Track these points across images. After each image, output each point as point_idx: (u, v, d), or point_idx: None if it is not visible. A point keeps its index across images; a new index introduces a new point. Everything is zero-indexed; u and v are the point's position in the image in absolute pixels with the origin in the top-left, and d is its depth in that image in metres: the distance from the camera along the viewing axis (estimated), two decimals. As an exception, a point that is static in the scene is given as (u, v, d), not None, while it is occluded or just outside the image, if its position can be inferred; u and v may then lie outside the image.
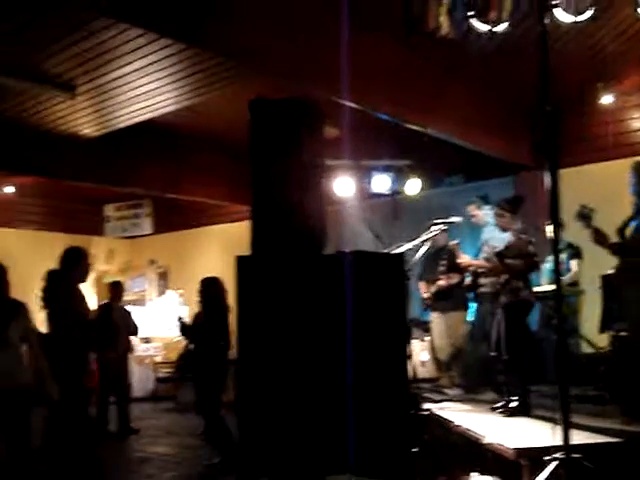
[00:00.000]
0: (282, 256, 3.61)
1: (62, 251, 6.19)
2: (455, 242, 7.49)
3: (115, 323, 8.83)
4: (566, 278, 7.34)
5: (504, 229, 6.45)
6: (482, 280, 6.95)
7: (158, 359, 12.51)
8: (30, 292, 6.29)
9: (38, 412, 5.63)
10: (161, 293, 13.69)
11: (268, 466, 3.35)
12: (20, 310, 5.20)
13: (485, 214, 7.62)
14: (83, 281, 6.27)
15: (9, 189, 12.11)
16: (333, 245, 4.09)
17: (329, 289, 3.36)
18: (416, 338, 8.54)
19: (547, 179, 3.82)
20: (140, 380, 11.96)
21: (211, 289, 7.40)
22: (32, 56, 6.69)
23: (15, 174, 11.04)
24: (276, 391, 3.49)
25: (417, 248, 6.77)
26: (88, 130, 8.85)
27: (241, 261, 3.70)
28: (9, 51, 6.52)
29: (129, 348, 9.48)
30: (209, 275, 7.65)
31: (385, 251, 6.01)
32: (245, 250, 4.10)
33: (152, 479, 6.74)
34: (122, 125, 8.62)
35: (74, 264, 6.14)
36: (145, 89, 7.48)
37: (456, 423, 5.36)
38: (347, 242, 8.07)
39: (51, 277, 6.37)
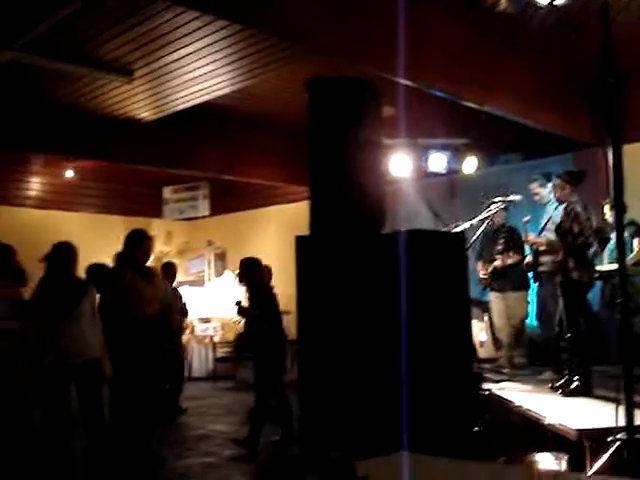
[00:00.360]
0: (341, 236, 3.60)
1: (126, 233, 6.37)
2: (526, 219, 7.34)
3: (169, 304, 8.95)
4: (629, 257, 7.18)
5: (561, 201, 6.33)
6: (542, 259, 6.85)
7: (217, 339, 12.66)
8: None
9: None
10: (219, 274, 13.82)
11: (329, 444, 3.36)
12: (88, 288, 5.40)
13: (548, 192, 7.47)
14: (145, 262, 6.40)
15: (70, 173, 12.35)
16: (392, 224, 4.06)
17: (389, 268, 3.33)
18: (475, 318, 8.47)
19: (609, 156, 3.73)
20: (199, 360, 12.13)
21: (250, 270, 7.45)
22: (90, 42, 6.78)
23: (75, 158, 11.26)
24: (336, 370, 3.49)
25: (475, 227, 6.70)
26: (145, 114, 8.96)
27: (300, 241, 3.70)
28: (67, 38, 6.61)
29: (181, 328, 9.61)
30: (251, 256, 7.64)
31: (444, 230, 5.96)
32: (302, 230, 4.10)
33: (212, 456, 6.85)
34: (179, 108, 8.70)
35: (136, 245, 6.28)
36: (201, 72, 7.52)
37: (516, 403, 5.31)
38: (405, 221, 8.04)
39: (118, 259, 6.65)
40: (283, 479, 1.45)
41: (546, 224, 6.98)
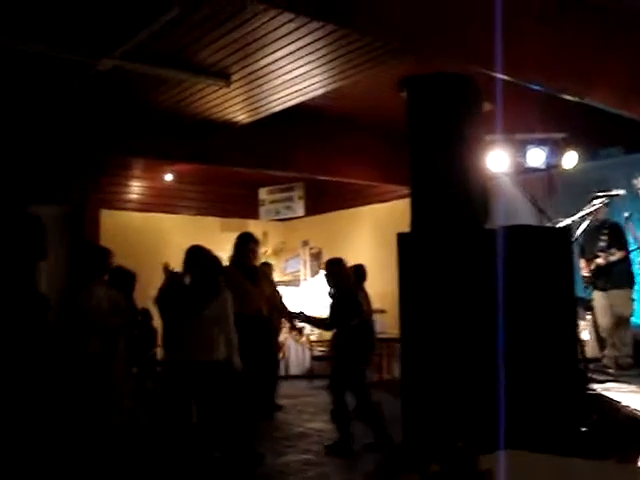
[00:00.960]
0: (444, 232, 3.57)
1: (236, 236, 6.62)
2: (627, 214, 7.13)
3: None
4: None
5: None
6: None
7: (313, 338, 12.76)
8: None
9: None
10: (315, 273, 13.93)
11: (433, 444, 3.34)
12: (219, 291, 5.56)
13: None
14: (250, 263, 6.61)
15: (168, 177, 12.71)
16: (492, 220, 4.01)
17: (493, 264, 3.28)
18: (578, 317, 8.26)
19: None
20: (297, 358, 12.25)
21: (335, 269, 7.53)
22: (188, 48, 6.93)
23: (174, 162, 11.57)
24: (439, 366, 3.47)
25: (578, 223, 6.54)
26: (242, 116, 9.11)
27: (402, 238, 3.69)
28: (167, 44, 6.78)
29: (279, 328, 9.76)
30: (336, 256, 7.78)
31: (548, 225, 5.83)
32: (396, 229, 4.09)
33: (310, 453, 6.92)
34: (274, 110, 8.80)
35: (242, 248, 6.48)
36: (296, 73, 7.58)
37: (623, 403, 5.16)
38: (506, 217, 7.90)
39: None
40: (405, 468, 1.44)
41: None
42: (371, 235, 13.14)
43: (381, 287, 12.50)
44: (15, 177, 10.92)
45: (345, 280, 7.40)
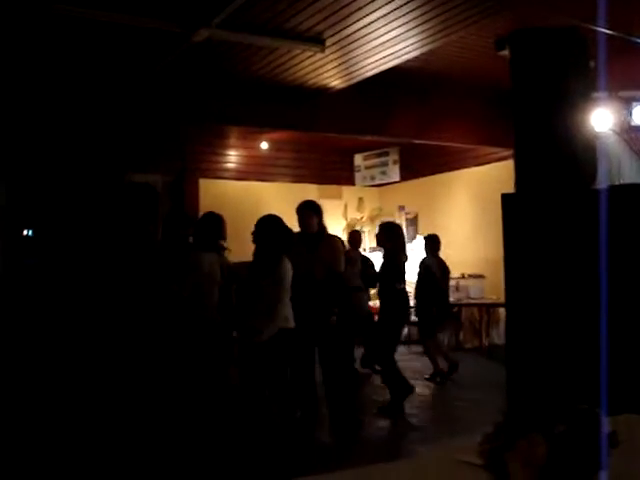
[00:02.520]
0: (550, 193, 3.46)
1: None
2: None
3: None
4: None
5: None
6: None
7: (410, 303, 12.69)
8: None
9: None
10: (411, 238, 13.84)
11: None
12: (281, 260, 5.58)
13: None
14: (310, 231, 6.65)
15: (264, 145, 12.83)
16: (601, 180, 3.87)
17: (600, 226, 3.15)
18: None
19: None
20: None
21: (385, 235, 7.58)
22: (282, 14, 6.91)
23: (269, 130, 11.66)
24: (547, 332, 3.39)
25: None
26: (336, 82, 9.07)
27: (507, 199, 3.60)
28: (260, 11, 6.79)
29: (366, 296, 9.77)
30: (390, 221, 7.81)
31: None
32: (494, 193, 3.99)
33: (413, 418, 6.93)
34: (369, 74, 8.72)
35: (299, 214, 6.48)
36: (390, 35, 7.47)
37: None
38: (614, 177, 7.65)
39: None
40: (526, 429, 1.41)
41: None
42: (468, 199, 12.95)
43: (479, 252, 12.35)
44: (118, 147, 11.26)
45: (392, 243, 7.46)
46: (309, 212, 6.46)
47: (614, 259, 3.26)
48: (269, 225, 5.67)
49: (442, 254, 9.87)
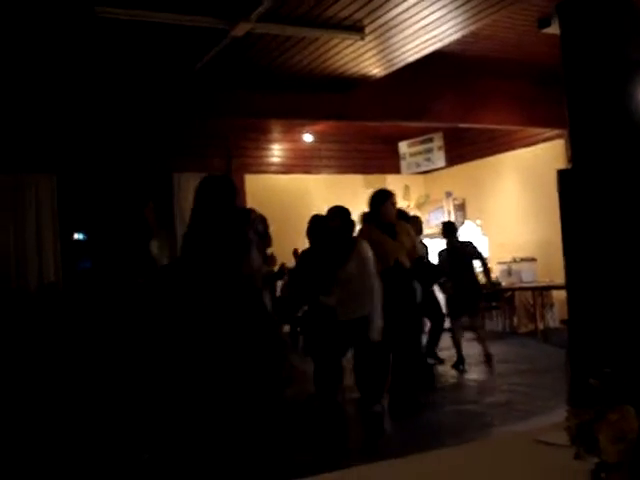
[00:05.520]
0: (608, 167, 3.37)
1: (370, 193, 6.63)
2: None
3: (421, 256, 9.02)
4: None
5: None
6: None
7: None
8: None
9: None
10: (460, 224, 13.70)
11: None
12: (356, 245, 5.57)
13: None
14: (390, 220, 6.62)
15: (308, 137, 12.80)
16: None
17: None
18: None
19: None
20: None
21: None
22: (320, 4, 6.88)
23: (312, 122, 11.63)
24: (611, 312, 3.30)
25: None
26: (377, 69, 8.99)
27: (563, 175, 3.52)
28: (300, 1, 6.76)
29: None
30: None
31: None
32: (542, 174, 3.92)
33: (475, 404, 6.86)
34: (410, 59, 8.62)
35: (380, 204, 6.47)
36: (430, 19, 7.38)
37: None
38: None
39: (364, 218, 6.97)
40: (620, 399, 1.35)
41: None
42: (516, 182, 12.76)
43: (529, 235, 12.17)
44: (163, 148, 11.35)
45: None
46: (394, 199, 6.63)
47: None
48: (344, 215, 5.74)
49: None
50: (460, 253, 9.24)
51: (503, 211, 12.92)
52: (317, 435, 5.76)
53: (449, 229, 9.51)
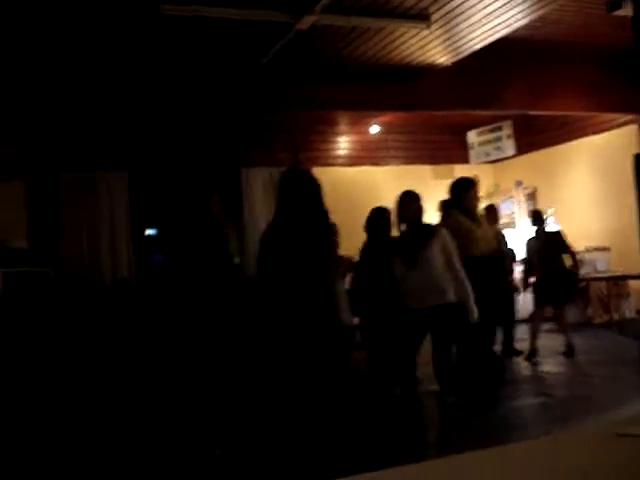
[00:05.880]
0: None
1: (452, 182, 6.59)
2: None
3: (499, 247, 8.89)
4: None
5: None
6: None
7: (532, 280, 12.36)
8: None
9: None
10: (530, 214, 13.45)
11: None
12: (436, 232, 5.52)
13: None
14: (474, 206, 6.59)
15: (374, 129, 12.74)
16: None
17: None
18: None
19: None
20: (521, 302, 11.91)
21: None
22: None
23: (379, 113, 11.57)
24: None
25: None
26: (444, 58, 8.88)
27: (639, 159, 3.41)
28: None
29: (510, 272, 9.60)
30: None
31: None
32: (615, 162, 3.81)
33: (546, 397, 6.74)
34: (476, 47, 8.49)
35: (464, 191, 6.44)
36: (497, 5, 7.25)
37: None
38: None
39: (445, 206, 6.91)
40: None
41: None
42: (588, 170, 12.45)
43: (602, 223, 11.88)
44: (231, 143, 11.46)
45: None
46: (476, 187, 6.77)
47: None
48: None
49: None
50: (549, 242, 9.10)
51: (575, 200, 12.63)
52: (393, 429, 5.73)
53: (538, 218, 9.36)
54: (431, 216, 7.35)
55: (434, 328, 5.48)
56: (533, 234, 9.36)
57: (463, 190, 6.54)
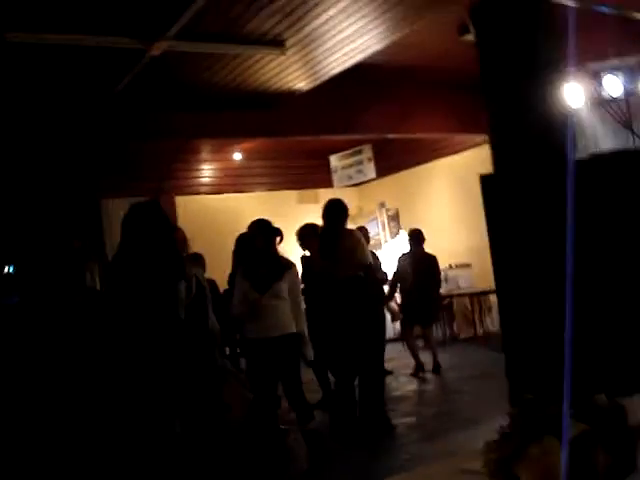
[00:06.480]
0: (526, 170, 3.33)
1: (325, 205, 6.52)
2: None
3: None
4: None
5: None
6: None
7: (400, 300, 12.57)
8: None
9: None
10: (394, 234, 13.72)
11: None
12: (287, 267, 5.47)
13: None
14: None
15: (237, 156, 12.64)
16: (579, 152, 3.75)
17: (586, 196, 3.01)
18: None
19: None
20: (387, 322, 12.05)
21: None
22: (238, 19, 6.76)
23: (241, 140, 11.48)
24: (542, 315, 3.25)
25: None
26: (302, 83, 8.91)
27: (485, 180, 3.47)
28: (217, 17, 6.63)
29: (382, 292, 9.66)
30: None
31: None
32: (472, 180, 3.88)
33: (414, 415, 6.77)
34: (333, 72, 8.56)
35: (342, 214, 6.41)
36: (350, 31, 7.32)
37: None
38: (592, 148, 7.58)
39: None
40: (542, 430, 1.25)
41: None
42: (447, 189, 12.83)
43: (463, 241, 12.23)
44: (90, 174, 11.05)
45: None
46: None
47: (608, 227, 3.14)
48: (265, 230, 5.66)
49: (426, 246, 9.79)
50: (424, 264, 9.24)
51: (436, 219, 12.96)
52: (261, 462, 5.59)
53: (417, 238, 9.45)
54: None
55: (279, 358, 5.45)
56: (407, 252, 9.48)
57: (340, 212, 6.55)
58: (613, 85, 8.12)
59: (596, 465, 0.98)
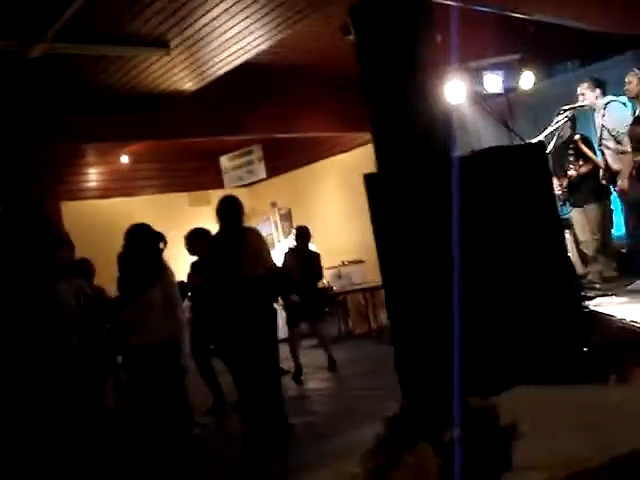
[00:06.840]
0: (410, 167, 3.39)
1: (220, 205, 6.36)
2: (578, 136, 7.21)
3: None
4: None
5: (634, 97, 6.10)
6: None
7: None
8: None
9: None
10: (287, 234, 13.73)
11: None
12: (164, 271, 5.33)
13: (596, 96, 7.21)
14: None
15: (125, 159, 12.36)
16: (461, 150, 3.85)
17: (471, 192, 3.08)
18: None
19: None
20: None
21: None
22: (120, 19, 6.62)
23: (127, 143, 11.22)
24: (427, 311, 3.31)
25: (546, 141, 6.40)
26: (188, 84, 8.80)
27: (369, 179, 3.51)
28: (97, 18, 6.47)
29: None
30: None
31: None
32: (360, 177, 3.93)
33: (313, 415, 6.80)
34: (220, 72, 8.49)
35: (238, 211, 6.30)
36: (234, 31, 7.29)
37: (618, 317, 5.05)
38: (474, 144, 7.80)
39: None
40: (413, 437, 1.25)
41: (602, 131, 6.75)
42: (337, 187, 12.94)
43: (355, 238, 12.35)
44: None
45: None
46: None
47: (491, 222, 3.23)
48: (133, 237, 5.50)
49: (319, 244, 9.84)
50: (308, 261, 9.26)
51: (328, 217, 13.06)
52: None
53: (305, 235, 9.45)
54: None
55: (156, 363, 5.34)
56: (293, 248, 9.49)
57: (231, 210, 6.43)
58: (493, 83, 8.37)
59: (468, 468, 1.00)
